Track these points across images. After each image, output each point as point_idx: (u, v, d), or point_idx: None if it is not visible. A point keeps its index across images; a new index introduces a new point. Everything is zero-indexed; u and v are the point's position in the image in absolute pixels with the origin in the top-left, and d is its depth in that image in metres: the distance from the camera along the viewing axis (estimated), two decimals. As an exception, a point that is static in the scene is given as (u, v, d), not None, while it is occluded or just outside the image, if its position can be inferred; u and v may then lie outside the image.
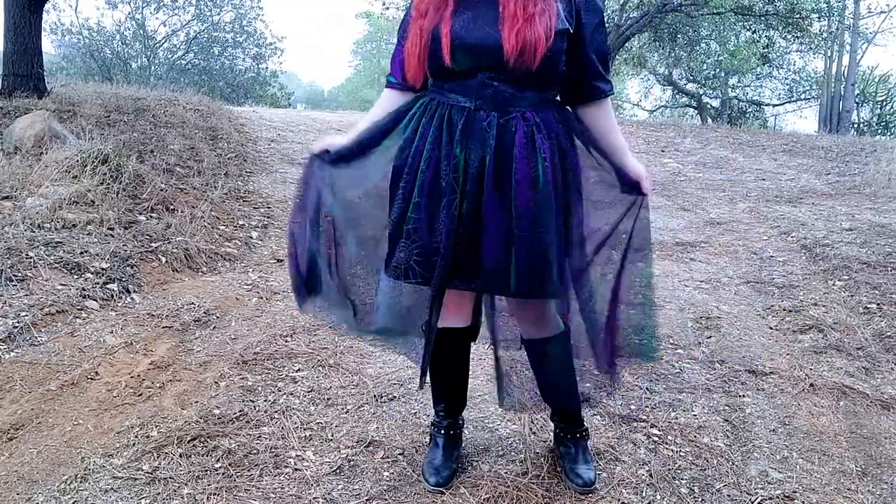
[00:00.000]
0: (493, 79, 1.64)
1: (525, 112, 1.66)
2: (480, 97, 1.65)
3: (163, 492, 1.86)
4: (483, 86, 1.64)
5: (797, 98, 20.40)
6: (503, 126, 1.64)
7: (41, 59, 6.58)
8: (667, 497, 1.92)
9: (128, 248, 3.65)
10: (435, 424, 2.03)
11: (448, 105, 1.68)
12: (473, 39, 1.62)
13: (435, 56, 1.65)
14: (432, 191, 1.67)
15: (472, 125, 1.65)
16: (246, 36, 20.82)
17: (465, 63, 1.63)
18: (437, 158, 1.67)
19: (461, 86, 1.66)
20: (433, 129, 1.68)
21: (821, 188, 6.75)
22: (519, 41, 1.58)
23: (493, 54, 1.61)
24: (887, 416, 2.44)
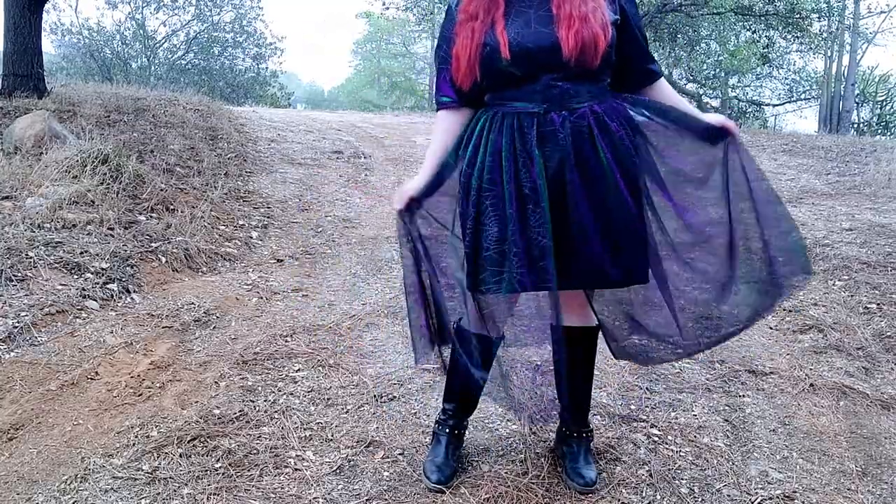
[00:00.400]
0: (556, 79, 1.64)
1: (592, 105, 1.67)
2: (547, 99, 1.65)
3: (163, 492, 1.86)
4: (548, 87, 1.64)
5: (797, 98, 20.41)
6: (576, 123, 1.65)
7: (41, 59, 6.58)
8: (667, 497, 1.92)
9: (128, 248, 3.65)
10: (440, 422, 2.03)
11: (514, 114, 1.67)
12: (531, 42, 1.62)
13: (492, 61, 1.65)
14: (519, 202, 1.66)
15: (544, 129, 1.65)
16: (246, 36, 20.83)
17: (525, 67, 1.63)
18: (516, 169, 1.66)
19: (525, 91, 1.66)
20: (505, 140, 1.67)
21: (821, 188, 6.75)
22: (578, 41, 1.60)
23: (553, 55, 1.61)
24: (887, 416, 2.44)
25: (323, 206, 5.46)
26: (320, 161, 6.97)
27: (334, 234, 4.78)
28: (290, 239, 4.64)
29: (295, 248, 4.45)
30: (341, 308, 3.40)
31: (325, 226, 4.98)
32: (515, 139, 1.66)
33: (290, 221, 5.02)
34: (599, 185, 1.66)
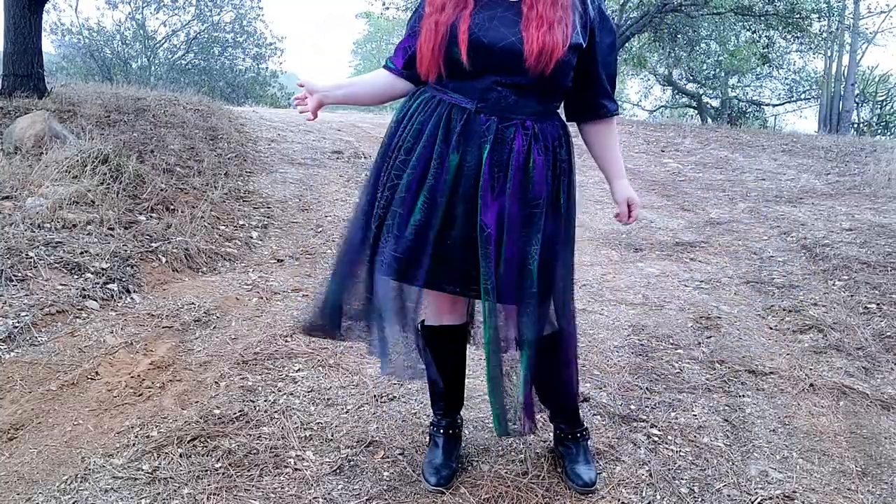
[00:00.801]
0: (499, 83, 1.63)
1: (525, 120, 1.66)
2: (483, 100, 1.64)
3: (163, 492, 1.86)
4: (488, 89, 1.64)
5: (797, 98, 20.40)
6: (501, 132, 1.64)
7: (41, 59, 6.58)
8: (667, 497, 1.92)
9: (128, 248, 3.65)
10: (434, 424, 2.04)
11: (448, 104, 1.67)
12: (489, 39, 1.61)
13: (451, 53, 1.64)
14: (417, 188, 1.67)
15: (470, 127, 1.65)
16: (246, 36, 20.81)
17: (478, 63, 1.62)
18: (428, 157, 1.67)
19: (466, 86, 1.66)
20: (430, 127, 1.68)
21: (821, 188, 6.75)
22: (539, 44, 1.58)
23: (509, 56, 1.61)
24: (887, 416, 2.44)
25: (323, 206, 5.46)
26: (320, 161, 6.97)
27: (334, 234, 4.78)
28: (290, 239, 4.64)
29: (295, 248, 4.45)
30: (341, 308, 3.40)
31: (325, 226, 4.98)
32: (440, 130, 1.66)
33: (290, 221, 5.02)
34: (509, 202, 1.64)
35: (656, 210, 5.88)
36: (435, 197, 1.66)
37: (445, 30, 1.64)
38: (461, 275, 1.70)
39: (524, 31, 1.60)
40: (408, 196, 1.67)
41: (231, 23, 20.54)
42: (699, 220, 5.52)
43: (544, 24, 1.59)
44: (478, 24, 1.62)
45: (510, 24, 1.62)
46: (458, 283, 1.71)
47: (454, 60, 1.64)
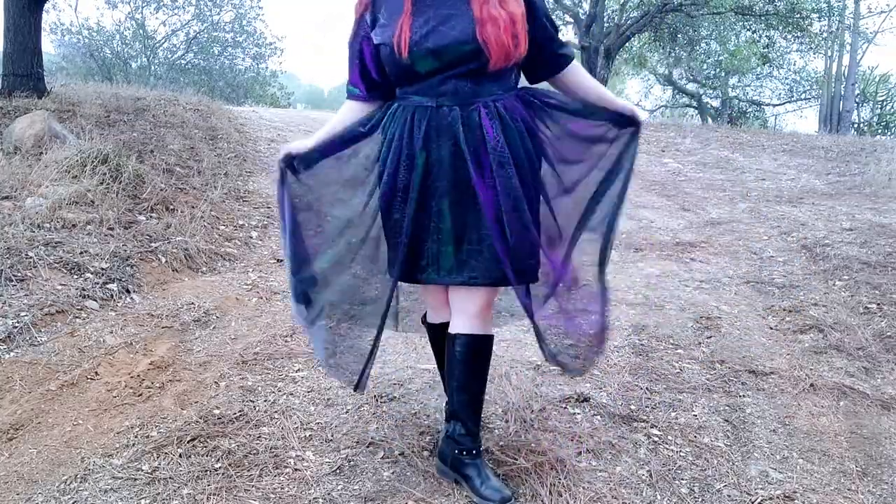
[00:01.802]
0: (452, 76, 1.67)
1: (487, 101, 1.70)
2: (441, 94, 1.68)
3: (163, 492, 1.86)
4: (441, 83, 1.68)
5: (797, 98, 20.41)
6: (467, 117, 1.68)
7: (41, 58, 6.58)
8: (667, 497, 1.92)
9: (128, 248, 3.65)
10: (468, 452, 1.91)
11: (412, 108, 1.72)
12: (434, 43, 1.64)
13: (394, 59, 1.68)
14: (394, 190, 1.75)
15: (435, 122, 1.69)
16: (246, 36, 20.81)
17: (426, 65, 1.66)
18: (398, 159, 1.73)
19: (423, 86, 1.70)
20: (397, 134, 1.74)
21: (821, 188, 6.75)
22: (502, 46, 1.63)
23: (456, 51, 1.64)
24: (887, 416, 2.44)
25: (323, 206, 5.45)
26: (320, 161, 6.96)
27: (334, 234, 4.77)
28: (290, 239, 4.64)
29: (295, 248, 4.45)
30: (341, 308, 3.40)
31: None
32: (405, 131, 1.72)
33: (290, 221, 5.01)
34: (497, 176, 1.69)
35: (656, 210, 5.88)
36: (408, 195, 1.72)
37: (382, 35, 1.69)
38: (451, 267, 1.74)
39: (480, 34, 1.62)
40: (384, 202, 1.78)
41: (231, 22, 20.54)
42: (699, 220, 5.52)
43: (500, 23, 1.62)
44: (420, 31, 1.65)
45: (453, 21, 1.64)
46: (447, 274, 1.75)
47: (403, 67, 1.68)
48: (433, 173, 1.71)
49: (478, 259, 1.71)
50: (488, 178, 1.68)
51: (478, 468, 1.86)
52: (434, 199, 1.72)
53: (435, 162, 1.70)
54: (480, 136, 1.68)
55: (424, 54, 1.64)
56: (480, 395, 1.91)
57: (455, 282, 1.75)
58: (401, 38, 1.65)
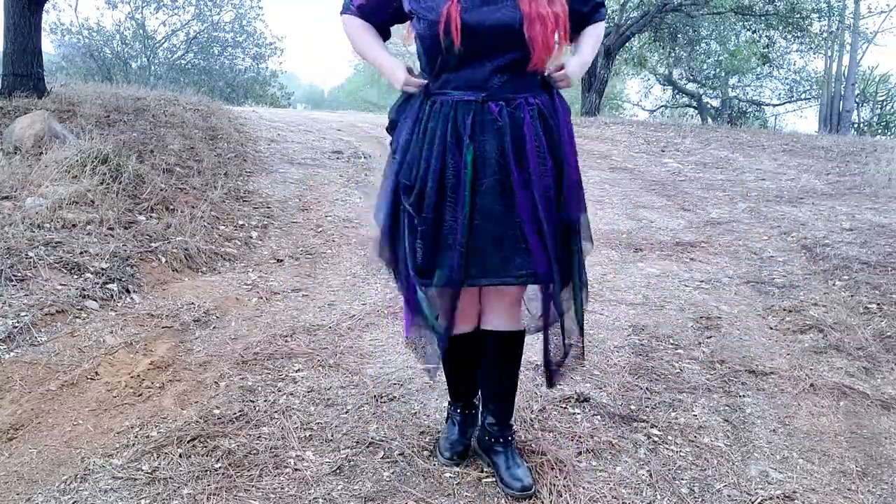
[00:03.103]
0: (495, 70, 1.64)
1: (528, 97, 1.68)
2: (486, 88, 1.65)
3: (163, 492, 1.86)
4: (486, 77, 1.64)
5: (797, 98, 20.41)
6: (511, 114, 1.66)
7: (41, 59, 6.58)
8: (667, 497, 1.92)
9: (128, 248, 3.65)
10: (451, 404, 2.10)
11: (452, 102, 1.67)
12: (476, 19, 1.59)
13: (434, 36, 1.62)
14: (440, 189, 1.67)
15: (481, 117, 1.65)
16: (246, 36, 20.80)
17: (466, 46, 1.61)
18: (443, 157, 1.67)
19: (464, 78, 1.65)
20: (439, 128, 1.67)
21: (821, 188, 6.75)
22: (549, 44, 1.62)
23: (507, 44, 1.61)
24: (887, 416, 2.44)
25: (323, 206, 5.46)
26: (320, 161, 6.97)
27: (334, 234, 4.78)
28: (290, 239, 4.64)
29: (295, 248, 4.45)
30: (341, 308, 3.40)
31: (325, 226, 4.98)
32: (448, 129, 1.66)
33: (290, 221, 5.02)
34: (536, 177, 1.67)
35: (656, 210, 5.88)
36: (459, 193, 1.65)
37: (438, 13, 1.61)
38: (496, 266, 1.69)
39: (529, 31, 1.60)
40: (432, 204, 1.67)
41: (231, 22, 20.53)
42: (699, 220, 5.52)
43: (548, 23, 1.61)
44: (465, 6, 1.60)
45: (494, 1, 1.61)
46: (494, 274, 1.71)
47: (447, 50, 1.62)
48: (479, 170, 1.66)
49: (523, 257, 1.68)
50: (526, 177, 1.67)
51: (506, 456, 1.95)
52: (479, 196, 1.67)
53: (480, 158, 1.66)
54: (522, 135, 1.66)
55: (465, 32, 1.59)
56: (514, 386, 1.99)
57: (506, 282, 1.72)
58: (449, 15, 1.58)
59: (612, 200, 6.13)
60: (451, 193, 1.66)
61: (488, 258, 1.68)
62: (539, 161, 1.67)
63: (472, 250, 1.67)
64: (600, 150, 8.76)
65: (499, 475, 1.93)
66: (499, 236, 1.67)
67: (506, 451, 1.96)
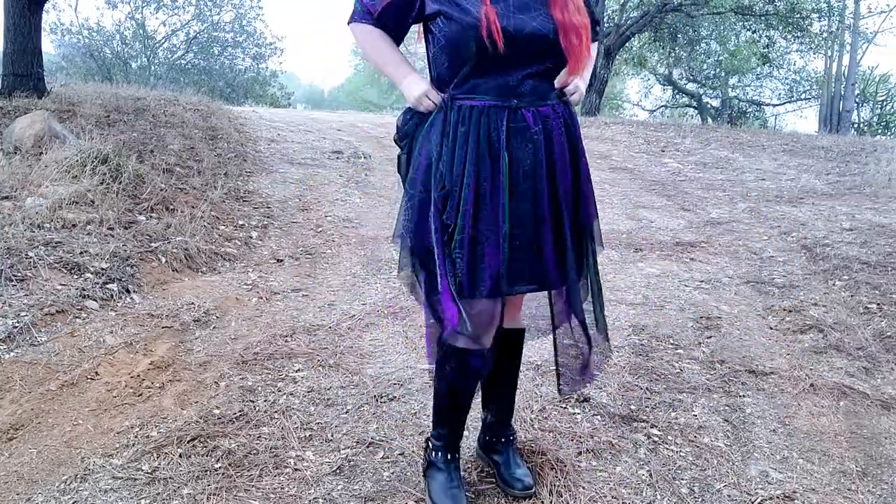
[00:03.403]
0: (527, 75, 1.62)
1: (555, 105, 1.68)
2: (518, 95, 1.62)
3: (163, 492, 1.86)
4: (518, 82, 1.62)
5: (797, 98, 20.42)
6: (543, 121, 1.65)
7: (41, 59, 6.59)
8: (667, 497, 1.92)
9: (128, 248, 3.65)
10: (435, 449, 1.87)
11: (483, 108, 1.61)
12: (515, 26, 1.56)
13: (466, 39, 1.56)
14: (477, 199, 1.61)
15: (514, 123, 1.62)
16: (246, 36, 20.81)
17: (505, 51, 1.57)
18: (477, 164, 1.60)
19: (493, 84, 1.61)
20: (472, 135, 1.60)
21: (821, 188, 6.75)
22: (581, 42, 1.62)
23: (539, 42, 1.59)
24: (887, 416, 2.44)
25: (323, 206, 5.46)
26: (320, 161, 6.97)
27: (334, 234, 4.78)
28: (290, 239, 4.64)
29: (295, 248, 4.45)
30: (341, 308, 3.40)
31: (325, 226, 4.98)
32: (481, 134, 1.60)
33: (290, 221, 5.02)
34: (561, 181, 1.68)
35: (656, 210, 5.88)
36: (498, 201, 1.61)
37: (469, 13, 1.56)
38: (535, 273, 1.68)
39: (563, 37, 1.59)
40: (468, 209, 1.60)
41: (231, 22, 20.54)
42: (699, 220, 5.52)
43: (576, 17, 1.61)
44: (501, 12, 1.57)
45: (528, 10, 1.59)
46: (535, 281, 1.69)
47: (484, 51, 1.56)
48: (513, 177, 1.63)
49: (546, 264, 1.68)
50: (553, 184, 1.67)
51: (506, 456, 1.95)
52: (513, 203, 1.63)
53: (514, 165, 1.62)
54: (552, 142, 1.66)
55: (505, 40, 1.55)
56: (514, 386, 1.98)
57: (535, 289, 1.71)
58: (490, 19, 1.53)
59: (612, 200, 6.13)
60: (487, 201, 1.61)
61: (524, 265, 1.66)
62: (562, 168, 1.68)
63: (510, 258, 1.64)
64: (600, 150, 8.76)
65: (499, 475, 1.93)
66: (531, 243, 1.66)
67: (506, 450, 1.96)
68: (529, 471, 1.94)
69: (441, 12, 1.59)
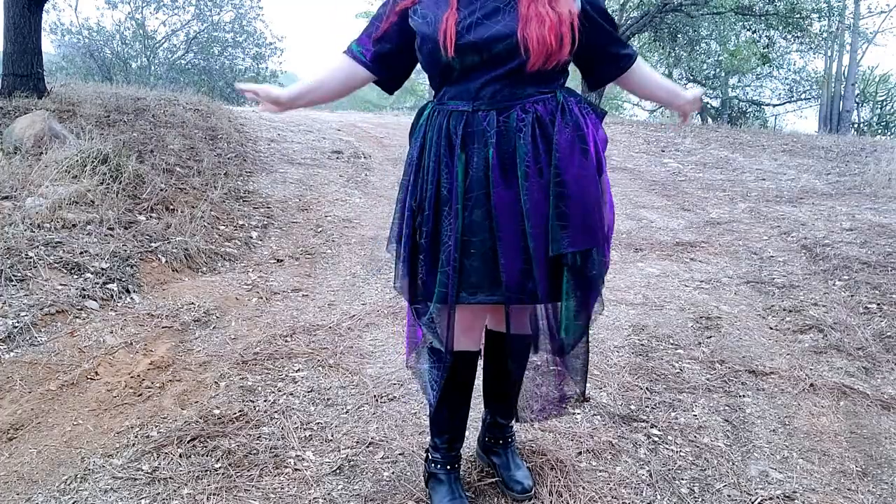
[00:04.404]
0: (490, 79, 1.58)
1: (525, 104, 1.59)
2: (478, 98, 1.59)
3: (163, 492, 1.86)
4: (480, 86, 1.59)
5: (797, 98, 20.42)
6: (503, 123, 1.58)
7: (41, 59, 6.58)
8: (667, 497, 1.92)
9: (128, 248, 3.65)
10: (434, 461, 1.85)
11: (447, 112, 1.63)
12: (475, 35, 1.54)
13: (433, 54, 1.58)
14: (436, 202, 1.61)
15: (471, 128, 1.59)
16: (246, 36, 20.81)
17: (467, 61, 1.56)
18: (437, 169, 1.62)
19: (460, 89, 1.61)
20: (433, 140, 1.64)
21: (821, 188, 6.74)
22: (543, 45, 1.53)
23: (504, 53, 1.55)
24: (887, 416, 2.44)
25: (323, 206, 5.46)
26: (320, 161, 6.97)
27: (334, 234, 4.78)
28: (290, 239, 4.64)
29: (295, 248, 4.45)
30: (341, 308, 3.40)
31: (325, 226, 4.98)
32: (442, 138, 1.61)
33: (290, 221, 5.02)
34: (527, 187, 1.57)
35: (656, 210, 5.88)
36: (452, 206, 1.59)
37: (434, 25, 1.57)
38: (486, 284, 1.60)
39: (523, 31, 1.53)
40: (429, 213, 1.62)
41: (231, 22, 20.54)
42: (699, 220, 5.52)
43: (546, 20, 1.53)
44: (465, 23, 1.55)
45: (496, 14, 1.56)
46: (495, 292, 1.61)
47: (443, 63, 1.58)
48: (469, 182, 1.59)
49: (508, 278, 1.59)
50: (513, 191, 1.57)
51: (506, 457, 1.95)
52: (467, 210, 1.59)
53: (470, 170, 1.59)
54: (512, 146, 1.58)
55: (465, 48, 1.54)
56: (515, 387, 1.94)
57: (492, 301, 1.62)
58: (446, 32, 1.54)
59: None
60: (444, 207, 1.61)
61: (476, 275, 1.60)
62: (532, 173, 1.57)
63: (462, 267, 1.60)
64: (600, 150, 8.74)
65: (499, 476, 1.93)
66: (486, 252, 1.59)
67: (506, 451, 1.96)
68: (529, 471, 1.94)
69: (416, 28, 1.63)
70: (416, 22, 1.63)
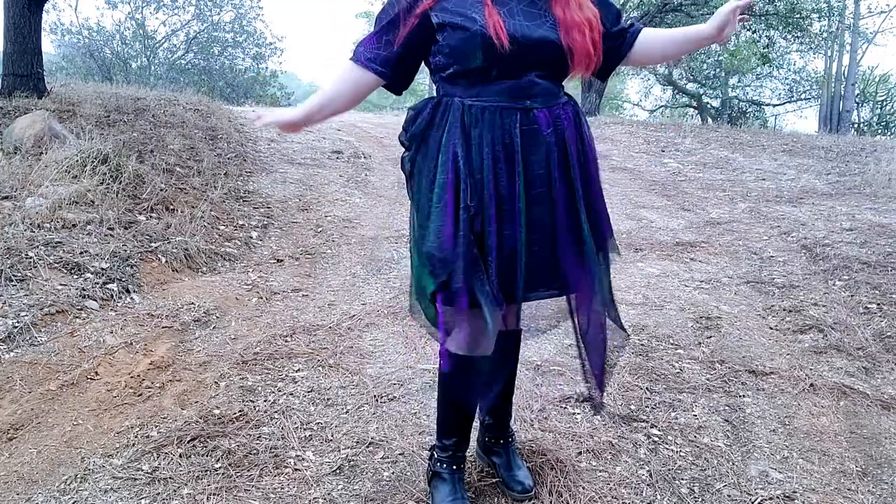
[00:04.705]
0: (540, 76, 1.60)
1: (564, 104, 1.65)
2: (530, 96, 1.60)
3: (163, 492, 1.86)
4: (529, 84, 1.59)
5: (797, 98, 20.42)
6: (554, 121, 1.62)
7: (41, 59, 6.59)
8: (667, 497, 1.92)
9: (128, 248, 3.65)
10: (441, 460, 1.84)
11: (494, 108, 1.59)
12: (522, 34, 1.55)
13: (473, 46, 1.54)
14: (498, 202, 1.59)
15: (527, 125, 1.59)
16: (246, 36, 20.83)
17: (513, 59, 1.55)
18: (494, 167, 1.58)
19: (505, 86, 1.59)
20: (486, 136, 1.58)
21: (821, 188, 6.74)
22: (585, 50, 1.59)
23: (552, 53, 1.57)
24: (887, 416, 2.44)
25: (323, 206, 5.46)
26: (320, 161, 6.97)
27: (334, 234, 4.78)
28: (290, 239, 4.64)
29: (295, 248, 4.45)
30: (341, 308, 3.40)
31: (325, 226, 4.98)
32: (496, 136, 1.58)
33: (290, 221, 5.02)
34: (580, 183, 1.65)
35: (656, 210, 5.88)
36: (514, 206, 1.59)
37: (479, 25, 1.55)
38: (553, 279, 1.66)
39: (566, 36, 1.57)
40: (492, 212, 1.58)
41: (231, 22, 20.56)
42: (699, 220, 5.52)
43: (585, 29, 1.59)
44: (512, 21, 1.56)
45: (537, 18, 1.58)
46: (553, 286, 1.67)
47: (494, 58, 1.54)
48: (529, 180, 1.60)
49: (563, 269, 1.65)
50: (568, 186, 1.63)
51: (506, 457, 1.95)
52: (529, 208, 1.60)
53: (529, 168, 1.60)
54: (565, 143, 1.63)
55: (519, 44, 1.54)
56: (512, 386, 1.96)
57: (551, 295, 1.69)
58: (496, 27, 1.52)
59: (612, 200, 6.11)
60: (506, 206, 1.59)
61: (539, 272, 1.64)
62: (578, 172, 1.64)
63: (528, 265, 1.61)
64: (600, 150, 8.71)
65: (499, 476, 1.93)
66: (547, 248, 1.63)
67: (506, 451, 1.96)
68: (529, 471, 1.94)
69: (445, 24, 1.58)
70: (452, 19, 1.57)
